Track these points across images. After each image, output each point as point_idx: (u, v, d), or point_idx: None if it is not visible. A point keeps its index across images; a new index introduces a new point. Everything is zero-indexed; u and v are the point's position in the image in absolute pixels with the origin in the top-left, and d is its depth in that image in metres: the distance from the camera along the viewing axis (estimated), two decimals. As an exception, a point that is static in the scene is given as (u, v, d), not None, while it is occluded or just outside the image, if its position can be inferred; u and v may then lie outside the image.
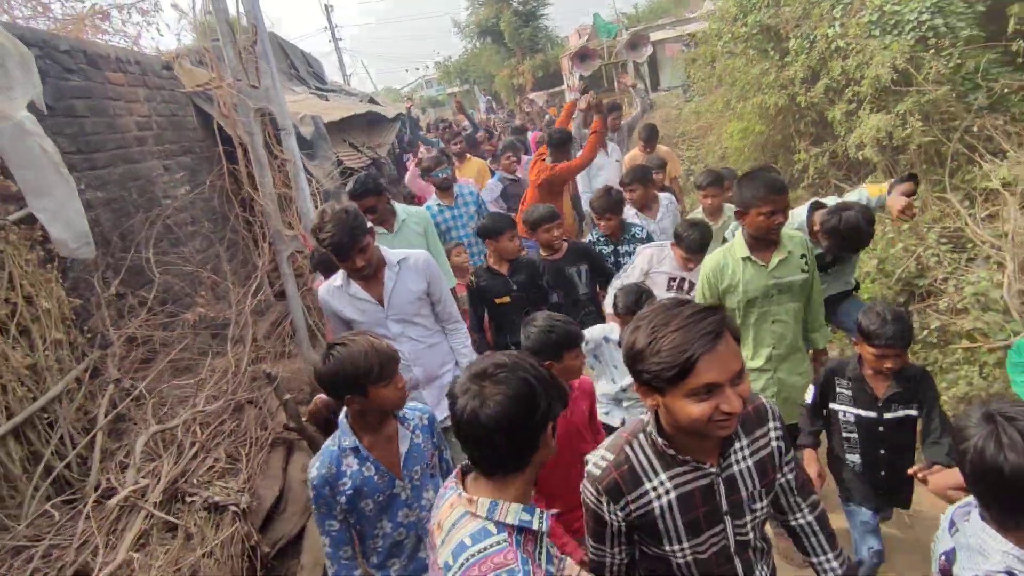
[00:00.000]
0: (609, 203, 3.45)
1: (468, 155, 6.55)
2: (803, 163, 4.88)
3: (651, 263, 3.16)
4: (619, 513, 1.27)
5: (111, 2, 4.06)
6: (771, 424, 1.33)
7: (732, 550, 1.33)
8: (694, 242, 2.99)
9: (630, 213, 3.83)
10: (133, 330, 3.07)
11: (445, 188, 4.46)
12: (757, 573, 1.39)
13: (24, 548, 2.07)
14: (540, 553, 1.23)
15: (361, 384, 1.66)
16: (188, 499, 2.40)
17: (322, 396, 2.56)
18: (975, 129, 3.89)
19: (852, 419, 2.19)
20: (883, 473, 2.19)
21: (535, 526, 1.18)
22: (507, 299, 3.28)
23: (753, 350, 2.54)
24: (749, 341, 2.53)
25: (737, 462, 1.29)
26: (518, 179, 5.63)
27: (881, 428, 2.14)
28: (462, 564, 1.12)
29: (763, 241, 2.40)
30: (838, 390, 2.20)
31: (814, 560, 1.47)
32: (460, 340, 2.68)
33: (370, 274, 2.44)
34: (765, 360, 2.51)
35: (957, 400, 3.28)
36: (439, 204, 4.46)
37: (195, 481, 2.51)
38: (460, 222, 4.50)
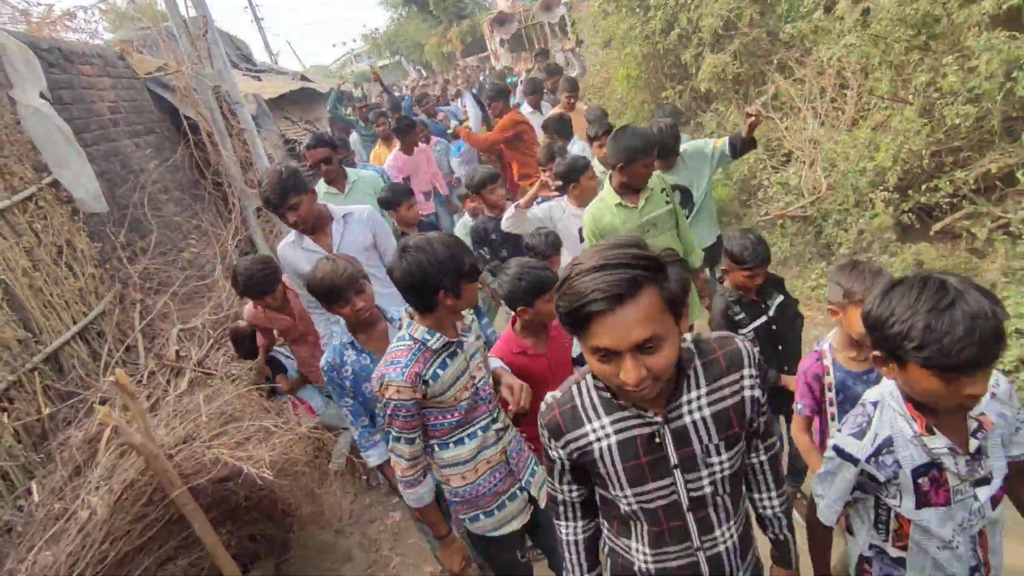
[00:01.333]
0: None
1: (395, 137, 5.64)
2: (671, 99, 6.03)
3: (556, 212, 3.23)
4: (561, 451, 1.26)
5: (76, 4, 4.73)
6: (745, 371, 1.20)
7: (685, 507, 1.23)
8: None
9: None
10: (144, 266, 3.96)
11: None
12: (718, 534, 1.27)
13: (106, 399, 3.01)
14: (435, 362, 1.74)
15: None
16: (213, 371, 3.38)
17: (242, 322, 3.32)
18: (781, 60, 5.10)
19: (753, 333, 2.33)
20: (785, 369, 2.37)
21: (430, 344, 1.72)
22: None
23: None
24: None
25: (690, 412, 1.18)
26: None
27: (773, 326, 2.35)
28: (384, 355, 1.78)
29: (631, 187, 2.70)
30: (737, 317, 2.32)
31: (754, 496, 1.38)
32: None
33: (308, 228, 2.68)
34: None
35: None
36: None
37: (217, 361, 3.48)
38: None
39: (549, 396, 1.29)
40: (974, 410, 1.24)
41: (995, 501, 1.31)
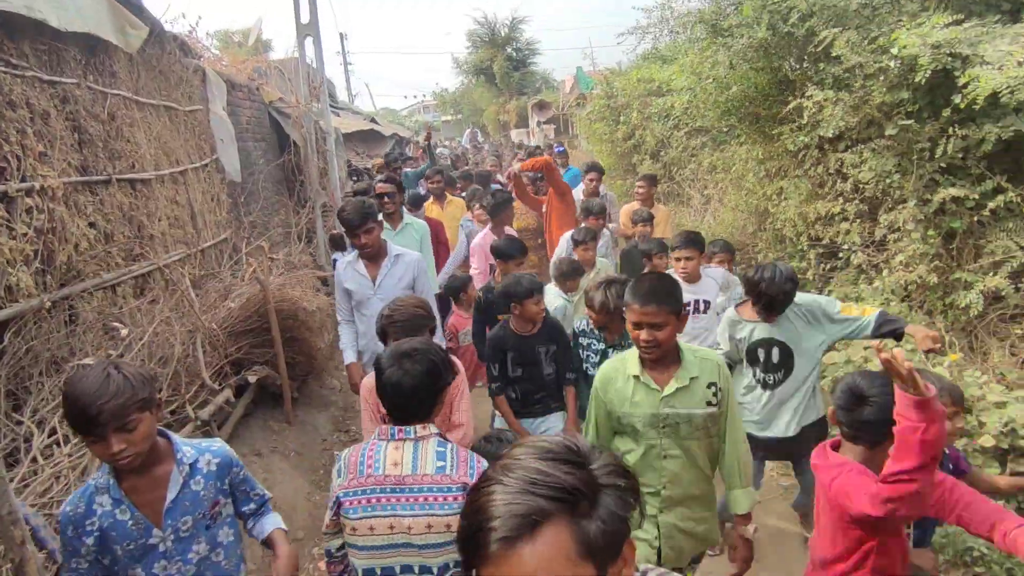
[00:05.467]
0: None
1: (448, 194, 6.22)
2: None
3: None
4: None
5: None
6: None
7: None
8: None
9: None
10: (252, 218, 6.40)
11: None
12: None
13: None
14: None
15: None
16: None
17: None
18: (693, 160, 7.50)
19: None
20: None
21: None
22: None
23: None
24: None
25: None
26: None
27: None
28: (455, 457, 1.70)
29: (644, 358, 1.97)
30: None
31: None
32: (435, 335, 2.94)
33: (372, 254, 3.12)
34: (651, 498, 2.05)
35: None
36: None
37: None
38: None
39: None
40: None
41: None
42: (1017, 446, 3.00)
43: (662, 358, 1.96)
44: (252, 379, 4.24)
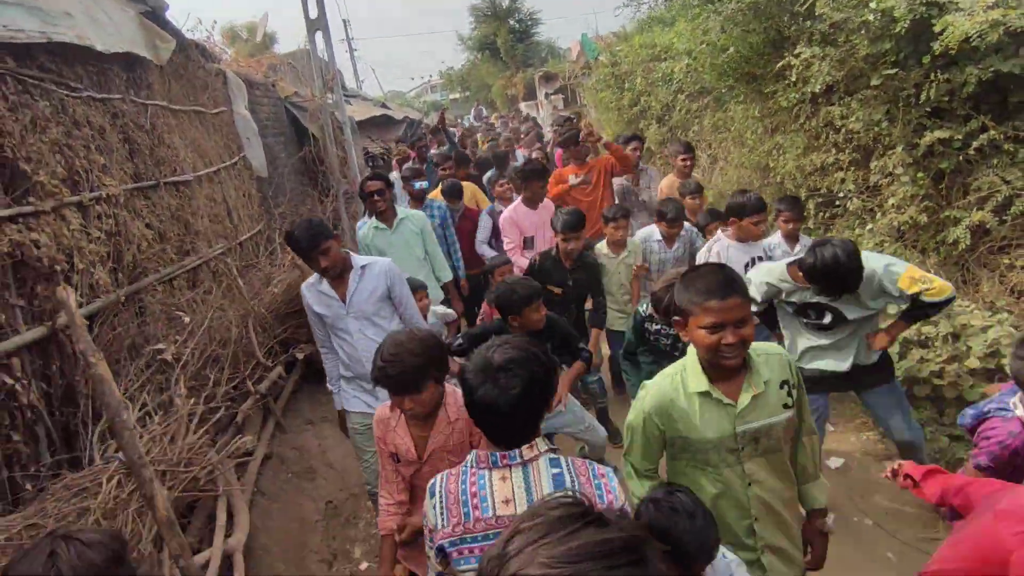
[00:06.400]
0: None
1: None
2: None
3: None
4: None
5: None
6: None
7: None
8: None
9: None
10: (281, 210, 6.80)
11: (419, 199, 4.64)
12: None
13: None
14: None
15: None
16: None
17: None
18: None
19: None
20: None
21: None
22: (559, 291, 3.43)
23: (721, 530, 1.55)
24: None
25: None
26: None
27: None
28: (573, 474, 1.44)
29: (721, 367, 1.60)
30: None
31: None
32: None
33: (335, 275, 2.75)
34: (745, 535, 1.69)
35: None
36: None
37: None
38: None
39: None
40: None
41: None
42: (1002, 366, 3.25)
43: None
44: (299, 356, 4.67)
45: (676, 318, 1.66)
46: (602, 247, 3.91)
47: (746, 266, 3.30)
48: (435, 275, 4.19)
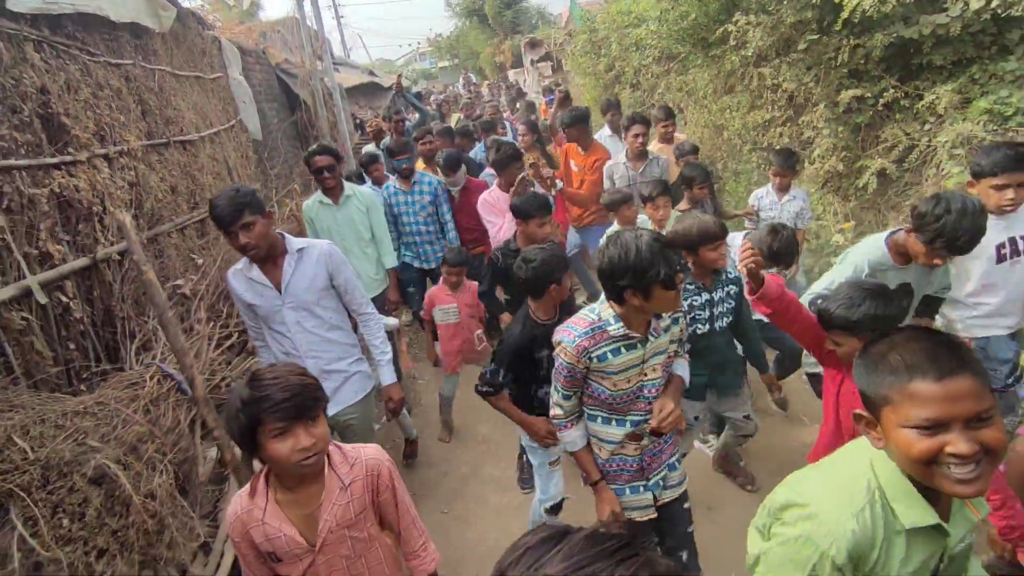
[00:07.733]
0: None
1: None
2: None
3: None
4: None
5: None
6: None
7: None
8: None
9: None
10: (276, 170, 7.29)
11: (405, 176, 4.47)
12: None
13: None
14: (607, 346, 1.88)
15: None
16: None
17: None
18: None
19: None
20: None
21: (610, 330, 1.86)
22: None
23: None
24: None
25: None
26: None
27: None
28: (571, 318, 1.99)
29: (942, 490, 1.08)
30: None
31: None
32: (371, 330, 2.63)
33: (260, 256, 2.37)
34: None
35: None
36: (396, 187, 4.53)
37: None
38: (413, 208, 4.52)
39: None
40: None
41: None
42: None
43: None
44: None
45: (860, 413, 1.15)
46: (642, 217, 3.66)
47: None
48: (381, 260, 4.04)
